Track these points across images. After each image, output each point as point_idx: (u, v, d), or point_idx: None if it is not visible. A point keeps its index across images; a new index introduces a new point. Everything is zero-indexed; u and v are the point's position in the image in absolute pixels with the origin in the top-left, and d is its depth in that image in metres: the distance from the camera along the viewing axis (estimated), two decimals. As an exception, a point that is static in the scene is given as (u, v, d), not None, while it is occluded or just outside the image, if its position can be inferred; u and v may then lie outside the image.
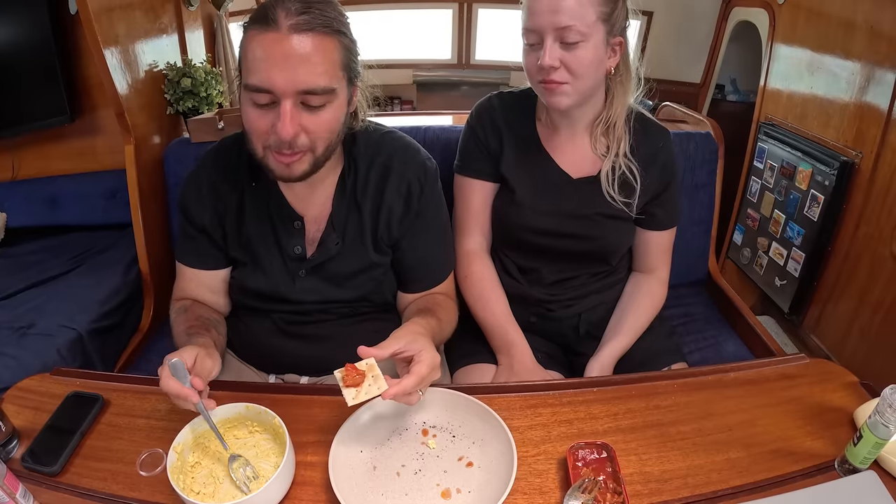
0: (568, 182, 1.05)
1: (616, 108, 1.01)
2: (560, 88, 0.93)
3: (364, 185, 0.95)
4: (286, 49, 0.74)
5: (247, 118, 0.80)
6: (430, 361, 0.75)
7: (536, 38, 0.92)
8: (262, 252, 0.96)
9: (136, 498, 0.71)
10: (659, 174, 1.06)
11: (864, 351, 1.62)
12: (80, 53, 1.66)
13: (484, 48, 3.57)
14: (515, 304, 1.10)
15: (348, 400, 0.71)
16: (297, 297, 0.97)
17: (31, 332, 1.28)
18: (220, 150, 0.99)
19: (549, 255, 1.09)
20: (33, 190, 1.77)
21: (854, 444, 0.70)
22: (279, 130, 0.76)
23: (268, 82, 0.75)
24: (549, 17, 0.88)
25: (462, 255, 1.10)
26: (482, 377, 1.06)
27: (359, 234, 0.96)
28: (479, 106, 1.11)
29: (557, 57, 0.90)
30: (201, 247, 0.98)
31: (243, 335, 1.05)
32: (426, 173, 0.97)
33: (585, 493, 0.68)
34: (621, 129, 1.02)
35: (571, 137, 1.05)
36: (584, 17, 0.88)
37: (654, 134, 1.06)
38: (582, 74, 0.92)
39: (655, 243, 1.12)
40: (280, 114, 0.76)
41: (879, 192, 1.58)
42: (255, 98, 0.77)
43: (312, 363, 1.03)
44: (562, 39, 0.89)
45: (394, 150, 0.96)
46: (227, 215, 0.96)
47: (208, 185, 0.96)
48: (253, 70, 0.76)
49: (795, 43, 1.96)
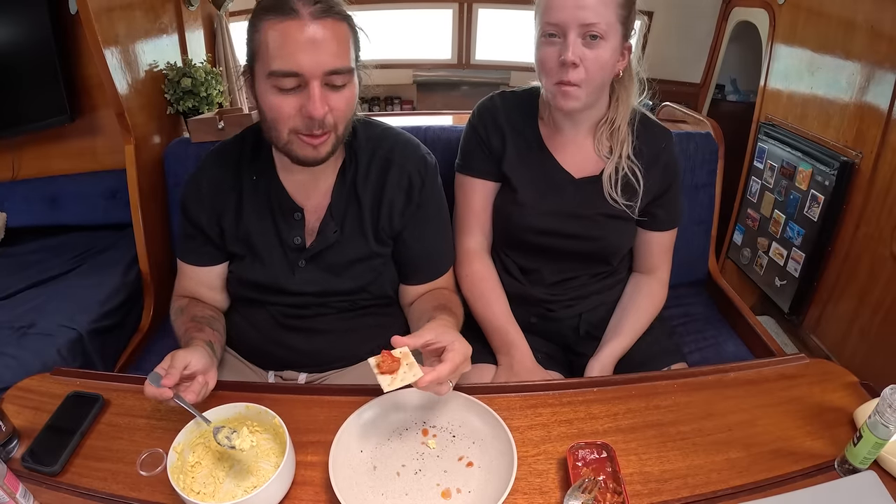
0: (570, 182, 1.05)
1: (620, 110, 1.01)
2: (574, 91, 0.92)
3: (365, 177, 0.96)
4: (310, 34, 0.79)
5: (271, 104, 0.83)
6: (463, 350, 0.77)
7: (558, 34, 0.91)
8: (262, 244, 0.97)
9: (136, 498, 0.71)
10: (661, 175, 1.06)
11: (864, 351, 1.62)
12: (80, 53, 1.66)
13: (484, 48, 3.57)
14: (516, 304, 1.10)
15: (384, 386, 0.71)
16: (296, 288, 0.98)
17: (31, 331, 1.28)
18: (220, 151, 1.01)
19: (551, 255, 1.09)
20: (33, 190, 1.77)
21: (854, 444, 0.70)
22: (310, 110, 0.80)
23: (296, 65, 0.78)
24: (575, 13, 0.88)
25: (462, 255, 1.10)
26: (481, 377, 1.06)
27: (358, 224, 0.97)
28: (480, 105, 1.10)
29: (579, 54, 0.90)
30: (199, 245, 1.01)
31: (242, 330, 1.05)
32: (426, 167, 0.98)
33: (585, 493, 0.68)
34: (625, 131, 1.02)
35: (574, 138, 1.05)
36: (607, 16, 0.88)
37: (657, 135, 1.06)
38: (595, 75, 0.92)
39: (657, 244, 1.12)
40: (310, 95, 0.80)
41: (879, 192, 1.58)
42: (281, 83, 0.80)
43: (311, 358, 1.04)
44: (584, 37, 0.89)
45: (394, 143, 0.98)
46: (224, 214, 0.97)
47: (207, 185, 0.98)
48: (277, 56, 0.79)
49: (795, 43, 1.96)
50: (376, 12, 3.32)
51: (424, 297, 1.03)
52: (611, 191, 1.03)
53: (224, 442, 0.72)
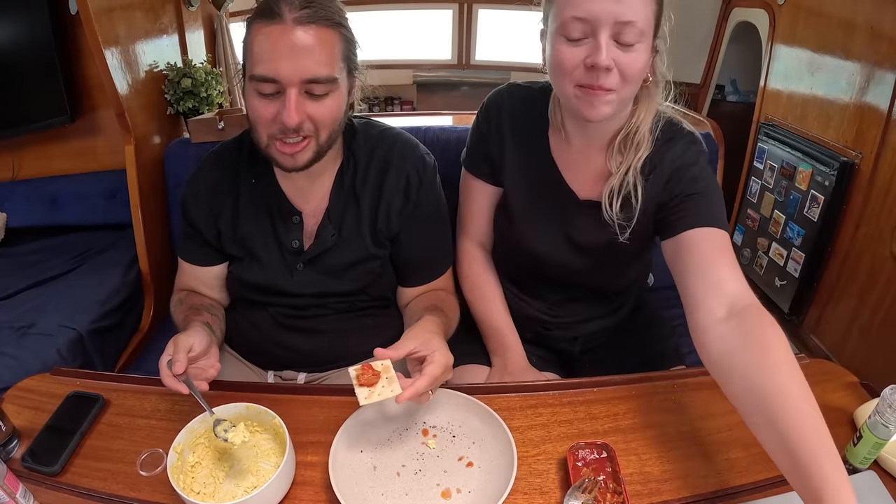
0: (574, 204, 0.94)
1: (639, 117, 0.87)
2: (606, 97, 0.77)
3: (363, 178, 0.96)
4: (291, 40, 0.77)
5: (252, 108, 0.83)
6: (443, 362, 0.76)
7: (584, 32, 0.75)
8: (260, 247, 0.97)
9: (136, 498, 0.71)
10: (665, 182, 0.88)
11: (864, 351, 1.62)
12: (80, 53, 1.67)
13: (484, 48, 3.57)
14: (513, 320, 1.06)
15: (360, 399, 0.71)
16: (294, 290, 0.98)
17: (31, 331, 1.28)
18: (219, 153, 1.01)
19: (548, 279, 1.04)
20: (33, 190, 1.77)
21: (854, 444, 0.70)
22: (285, 118, 0.79)
23: (274, 72, 0.78)
24: (610, 7, 0.72)
25: (462, 254, 1.09)
26: (475, 378, 1.05)
27: (356, 226, 0.96)
28: (488, 100, 1.00)
29: (613, 57, 0.75)
30: (197, 245, 1.01)
31: (242, 330, 1.05)
32: (425, 167, 0.97)
33: (585, 493, 0.68)
34: (642, 135, 0.87)
35: (585, 151, 0.91)
36: (646, 14, 0.75)
37: (672, 140, 0.89)
38: (633, 81, 0.78)
39: (706, 241, 0.79)
40: (285, 102, 0.79)
41: (879, 193, 1.58)
42: (261, 88, 0.80)
43: (310, 358, 1.04)
44: (618, 37, 0.74)
45: (393, 144, 0.98)
46: (221, 215, 0.97)
47: (205, 187, 0.98)
48: (259, 61, 0.79)
49: (795, 43, 1.97)
50: (376, 12, 3.33)
51: (419, 299, 1.02)
52: (608, 210, 0.88)
53: (220, 434, 0.73)
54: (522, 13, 3.19)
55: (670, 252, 0.84)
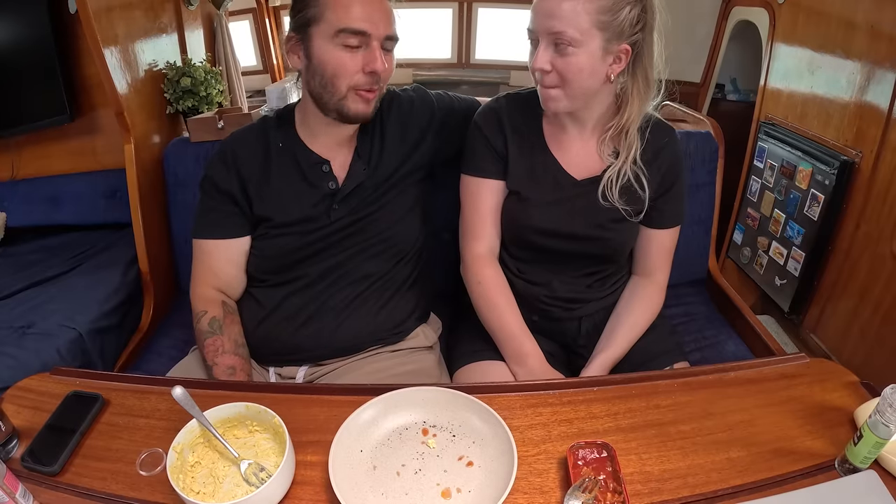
0: (572, 183, 1.05)
1: (629, 114, 0.99)
2: (550, 93, 0.95)
3: (380, 121, 1.08)
4: (378, 1, 0.93)
5: (335, 60, 0.93)
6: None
7: (533, 40, 0.94)
8: (292, 197, 1.04)
9: (136, 498, 0.71)
10: (661, 173, 1.05)
11: (864, 351, 1.62)
12: (79, 53, 1.66)
13: (484, 48, 3.57)
14: (517, 302, 1.09)
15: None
16: (332, 223, 1.04)
17: (30, 331, 1.28)
18: (244, 130, 1.09)
19: (552, 256, 1.09)
20: (33, 189, 1.77)
21: (854, 444, 0.70)
22: (377, 66, 0.93)
23: (367, 25, 0.91)
24: (545, 21, 0.90)
25: (472, 260, 1.09)
26: (484, 375, 1.06)
27: (386, 159, 1.07)
28: (485, 107, 1.11)
29: (548, 61, 0.92)
30: (223, 217, 1.05)
31: (248, 317, 1.08)
32: (418, 88, 1.15)
33: (586, 492, 0.68)
34: (633, 135, 1.01)
35: (579, 136, 1.05)
36: (579, 24, 0.88)
37: (659, 134, 1.06)
38: (571, 80, 0.93)
39: (657, 243, 1.11)
40: (373, 53, 0.93)
41: (879, 192, 1.58)
42: (348, 41, 0.91)
43: (315, 341, 1.06)
44: (555, 44, 0.91)
45: (406, 95, 1.14)
46: (250, 181, 1.04)
47: (233, 156, 1.05)
48: (350, 17, 0.90)
49: (795, 42, 1.96)
50: (376, 12, 3.32)
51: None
52: (607, 193, 1.02)
53: (251, 479, 0.72)
54: (522, 13, 3.19)
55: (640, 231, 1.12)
